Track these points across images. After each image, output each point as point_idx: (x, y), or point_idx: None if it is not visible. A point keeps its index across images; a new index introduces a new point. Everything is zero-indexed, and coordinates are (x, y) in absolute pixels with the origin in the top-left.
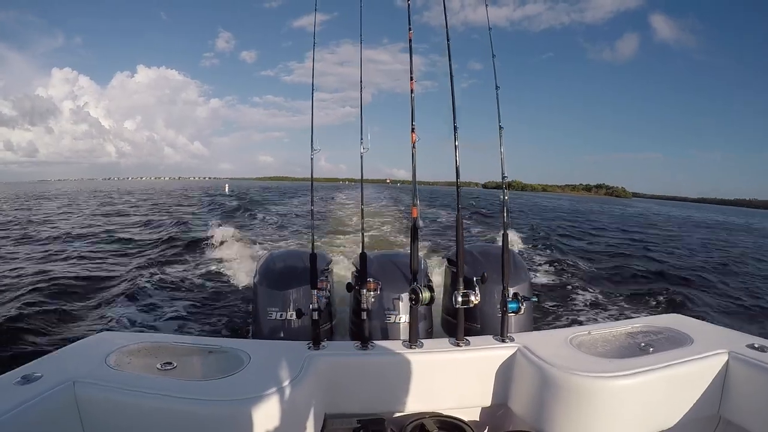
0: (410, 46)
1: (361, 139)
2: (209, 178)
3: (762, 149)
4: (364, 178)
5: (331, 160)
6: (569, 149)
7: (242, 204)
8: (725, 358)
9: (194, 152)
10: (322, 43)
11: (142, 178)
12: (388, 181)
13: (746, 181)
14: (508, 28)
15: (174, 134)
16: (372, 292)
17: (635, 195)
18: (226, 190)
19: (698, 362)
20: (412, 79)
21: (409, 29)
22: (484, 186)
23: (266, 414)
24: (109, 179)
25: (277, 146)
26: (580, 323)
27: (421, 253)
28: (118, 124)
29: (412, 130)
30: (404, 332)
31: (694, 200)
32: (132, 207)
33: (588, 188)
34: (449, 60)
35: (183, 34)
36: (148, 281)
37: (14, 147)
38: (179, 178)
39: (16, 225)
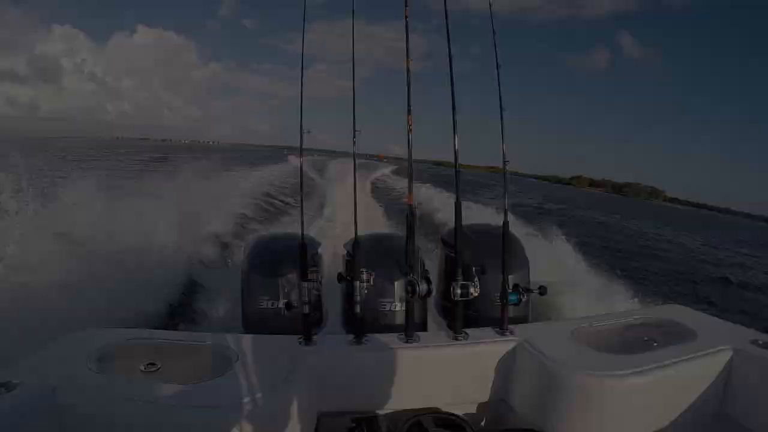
0: (406, 24)
1: (354, 120)
2: (212, 142)
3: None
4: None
5: (323, 131)
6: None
7: None
8: (729, 354)
9: (190, 115)
10: (325, 15)
11: (149, 139)
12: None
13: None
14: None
15: (172, 96)
16: (365, 283)
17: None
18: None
19: (702, 359)
20: (408, 57)
21: (405, 6)
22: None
23: (258, 417)
24: (117, 139)
25: (273, 114)
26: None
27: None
28: (116, 83)
29: (409, 113)
30: (400, 322)
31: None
32: None
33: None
34: (447, 36)
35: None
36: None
37: (15, 104)
38: (186, 141)
39: None
